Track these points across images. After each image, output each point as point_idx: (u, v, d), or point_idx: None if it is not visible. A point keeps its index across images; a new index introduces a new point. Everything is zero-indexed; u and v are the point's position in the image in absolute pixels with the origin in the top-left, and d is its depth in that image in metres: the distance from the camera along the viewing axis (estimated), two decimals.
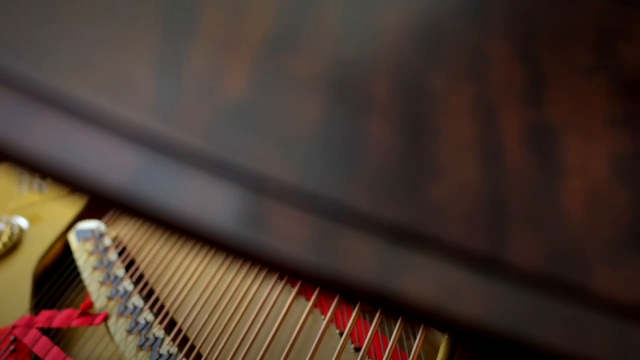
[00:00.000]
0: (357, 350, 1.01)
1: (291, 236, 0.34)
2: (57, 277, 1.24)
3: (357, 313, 1.01)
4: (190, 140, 0.35)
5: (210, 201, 0.35)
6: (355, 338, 1.02)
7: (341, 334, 1.04)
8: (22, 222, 1.40)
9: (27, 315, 1.16)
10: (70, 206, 1.40)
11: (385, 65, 0.44)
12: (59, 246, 1.32)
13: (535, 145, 0.43)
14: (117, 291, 1.16)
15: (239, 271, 1.14)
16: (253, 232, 0.34)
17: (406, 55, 0.46)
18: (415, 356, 0.93)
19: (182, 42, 0.40)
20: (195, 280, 1.15)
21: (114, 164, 0.36)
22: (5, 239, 1.35)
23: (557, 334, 0.32)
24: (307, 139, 0.37)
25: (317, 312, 1.08)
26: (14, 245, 1.34)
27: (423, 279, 0.33)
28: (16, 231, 1.37)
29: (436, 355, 0.99)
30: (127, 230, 1.30)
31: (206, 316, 1.08)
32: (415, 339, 0.99)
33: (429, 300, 0.33)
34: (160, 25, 0.39)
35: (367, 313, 1.05)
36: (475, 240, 0.35)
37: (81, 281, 1.24)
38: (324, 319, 1.06)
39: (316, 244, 0.34)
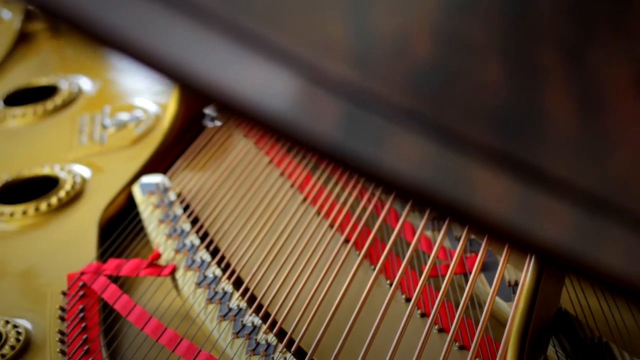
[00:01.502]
0: (423, 315, 1.03)
1: (496, 197, 0.35)
2: (121, 230, 1.26)
3: (423, 280, 1.03)
4: (392, 95, 0.37)
5: (413, 158, 0.36)
6: (421, 304, 1.04)
7: (407, 300, 1.06)
8: (84, 172, 1.42)
9: (95, 262, 1.18)
10: (132, 159, 1.42)
11: (548, 35, 0.46)
12: (122, 198, 1.33)
13: None
14: (184, 244, 1.18)
15: (304, 231, 1.16)
16: (459, 190, 0.36)
17: (565, 28, 0.47)
18: (483, 326, 0.95)
19: (366, 2, 0.42)
20: (261, 240, 1.16)
21: (321, 114, 0.37)
22: (67, 187, 1.37)
23: None
24: (495, 102, 0.38)
25: (382, 276, 1.09)
26: (77, 194, 1.36)
27: (616, 249, 0.35)
28: (78, 180, 1.39)
29: (500, 327, 1.01)
30: (190, 187, 1.32)
31: (272, 275, 1.09)
32: (482, 309, 1.01)
33: (621, 270, 0.34)
34: None
35: (432, 278, 1.07)
36: None
37: (144, 234, 1.26)
38: (389, 283, 1.08)
39: (518, 205, 0.35)
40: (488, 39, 0.42)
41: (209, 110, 1.54)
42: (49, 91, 1.69)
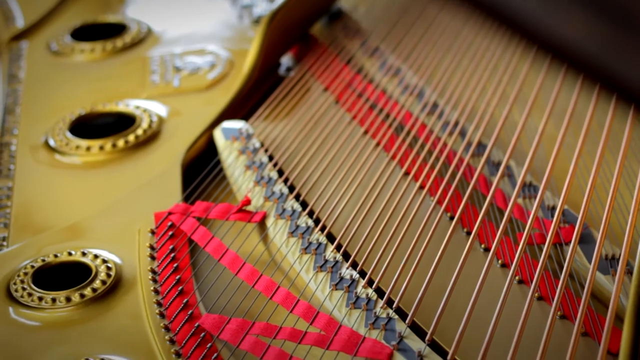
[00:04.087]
0: (521, 282, 1.02)
1: None
2: (201, 174, 1.24)
3: (523, 246, 1.02)
4: None
5: None
6: (517, 270, 1.03)
7: (503, 265, 1.05)
8: (160, 111, 1.40)
9: (181, 203, 1.16)
10: (208, 103, 1.40)
11: None
12: (202, 141, 1.32)
13: None
14: (273, 192, 1.16)
15: (394, 191, 1.14)
16: None
17: None
18: (587, 297, 0.94)
19: None
20: (350, 196, 1.14)
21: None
22: (145, 125, 1.35)
23: None
24: None
25: (476, 242, 1.08)
26: (154, 134, 1.34)
27: None
28: (155, 119, 1.37)
29: (593, 299, 1.00)
30: (272, 137, 1.29)
31: (365, 232, 1.07)
32: (584, 283, 1.00)
33: None
34: None
35: (530, 245, 1.06)
36: None
37: (224, 179, 1.24)
38: (483, 248, 1.08)
39: None
40: None
41: (285, 60, 1.52)
42: (116, 29, 1.67)
